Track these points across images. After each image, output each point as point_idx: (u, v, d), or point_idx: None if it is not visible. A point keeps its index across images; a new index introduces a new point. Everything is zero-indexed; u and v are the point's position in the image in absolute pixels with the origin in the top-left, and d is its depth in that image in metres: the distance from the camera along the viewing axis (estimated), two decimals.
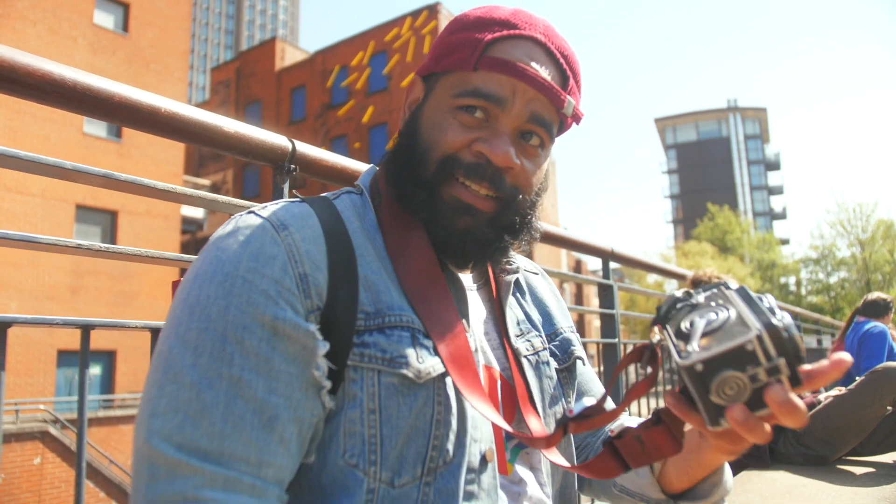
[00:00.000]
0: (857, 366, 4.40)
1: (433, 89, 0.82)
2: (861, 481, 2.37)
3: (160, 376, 0.63)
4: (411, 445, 0.69)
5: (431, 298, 0.76)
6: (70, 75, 0.95)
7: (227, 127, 1.19)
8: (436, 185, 0.77)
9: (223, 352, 0.63)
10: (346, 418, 0.68)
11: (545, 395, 0.86)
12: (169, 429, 0.60)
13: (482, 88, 0.76)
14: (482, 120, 0.77)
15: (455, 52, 0.79)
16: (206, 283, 0.66)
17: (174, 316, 0.67)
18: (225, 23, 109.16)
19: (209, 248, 0.71)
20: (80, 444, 1.02)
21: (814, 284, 33.59)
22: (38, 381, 14.73)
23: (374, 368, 0.69)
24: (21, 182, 14.44)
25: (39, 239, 0.99)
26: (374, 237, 0.78)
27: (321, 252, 0.70)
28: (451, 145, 0.77)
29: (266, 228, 0.70)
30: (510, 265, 0.92)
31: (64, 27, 15.94)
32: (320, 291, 0.69)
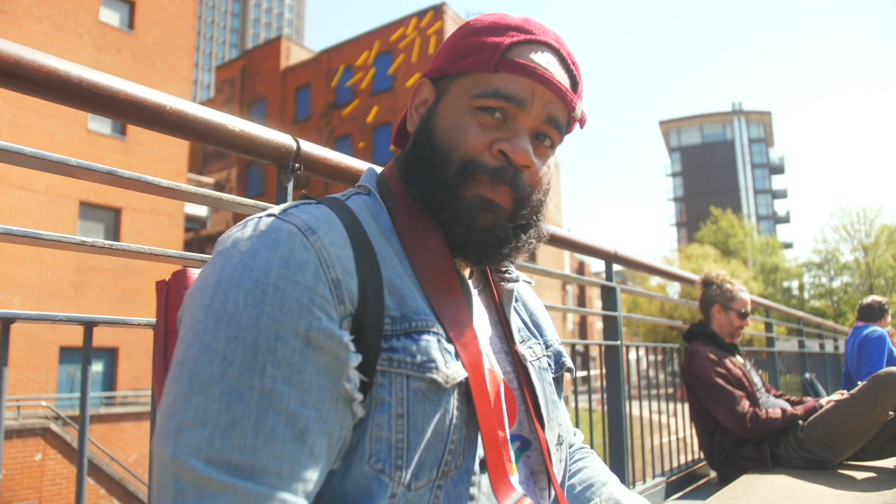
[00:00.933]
0: (857, 370, 4.39)
1: (447, 91, 0.82)
2: (862, 486, 2.36)
3: (185, 387, 0.60)
4: (431, 449, 0.69)
5: (449, 301, 0.77)
6: (76, 72, 0.95)
7: (233, 125, 1.19)
8: (457, 185, 0.78)
9: (254, 362, 0.60)
10: (373, 423, 0.67)
11: (548, 401, 0.87)
12: (198, 442, 0.57)
13: (503, 90, 0.77)
14: (501, 120, 0.78)
15: (472, 54, 0.80)
16: (234, 290, 0.63)
17: (197, 322, 0.64)
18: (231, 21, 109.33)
19: (229, 251, 0.67)
20: (82, 441, 1.02)
21: (817, 289, 33.50)
22: (39, 377, 14.76)
23: (403, 373, 0.69)
24: (25, 178, 14.47)
25: (43, 235, 0.99)
26: (391, 239, 0.78)
27: (349, 256, 0.69)
28: (474, 147, 0.78)
29: (293, 233, 0.67)
30: (509, 273, 0.94)
31: (69, 24, 15.98)
32: (352, 297, 0.67)
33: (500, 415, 0.78)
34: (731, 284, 3.22)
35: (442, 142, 0.79)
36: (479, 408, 0.72)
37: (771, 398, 3.10)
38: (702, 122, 68.51)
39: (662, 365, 3.75)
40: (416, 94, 0.87)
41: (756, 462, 2.77)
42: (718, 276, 3.28)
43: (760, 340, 5.80)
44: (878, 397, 2.55)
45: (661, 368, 3.92)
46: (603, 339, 2.73)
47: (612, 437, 2.57)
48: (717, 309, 3.19)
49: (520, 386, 0.85)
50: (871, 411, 2.55)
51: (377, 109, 25.75)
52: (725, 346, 3.11)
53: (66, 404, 14.73)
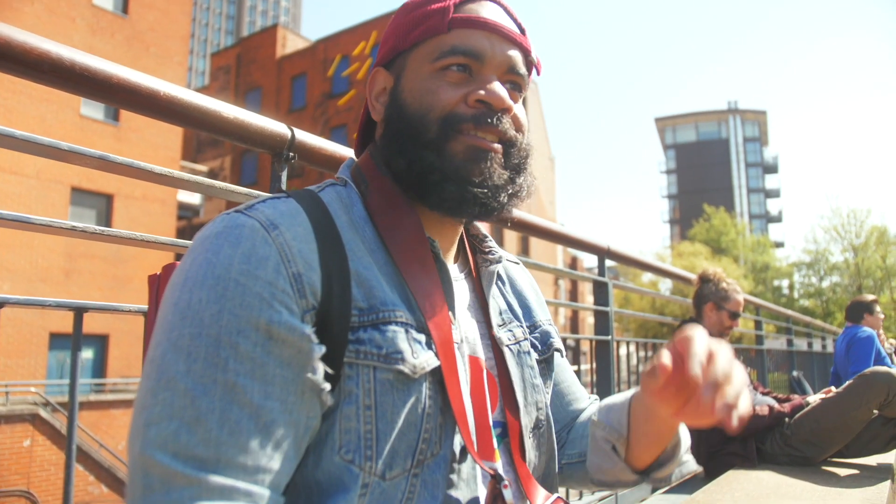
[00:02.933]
0: (844, 369, 4.44)
1: (405, 68, 0.83)
2: (845, 482, 2.39)
3: (153, 384, 0.62)
4: (403, 439, 0.70)
5: (424, 286, 0.77)
6: (68, 55, 0.95)
7: (227, 112, 1.19)
8: (443, 142, 0.78)
9: (217, 357, 0.62)
10: (341, 415, 0.68)
11: (526, 385, 0.87)
12: (164, 437, 0.59)
13: (460, 45, 0.79)
14: (467, 76, 0.80)
15: (421, 23, 0.81)
16: (197, 287, 0.65)
17: (165, 321, 0.65)
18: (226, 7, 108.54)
19: (196, 249, 0.69)
20: (71, 428, 1.02)
21: (806, 288, 33.76)
22: (29, 363, 14.69)
23: (370, 364, 0.69)
24: (16, 162, 14.35)
25: (33, 220, 0.99)
26: (363, 229, 0.78)
27: (312, 250, 0.69)
28: (448, 102, 0.79)
29: (256, 229, 0.68)
30: (492, 255, 0.93)
31: (62, 7, 15.82)
32: (314, 290, 0.68)
33: (482, 401, 0.79)
34: (728, 284, 3.23)
35: (415, 109, 0.80)
36: (453, 396, 0.73)
37: (758, 395, 3.13)
38: (697, 120, 68.69)
39: None
40: (372, 86, 0.87)
41: (742, 458, 2.80)
42: (716, 275, 3.29)
43: (750, 338, 5.84)
44: (863, 396, 2.58)
45: None
46: (594, 333, 2.74)
47: None
48: (710, 307, 3.20)
49: (499, 371, 0.85)
50: (856, 409, 2.58)
51: None
52: None
53: (55, 391, 14.67)
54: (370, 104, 0.88)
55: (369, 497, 0.68)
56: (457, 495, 0.73)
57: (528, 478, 0.81)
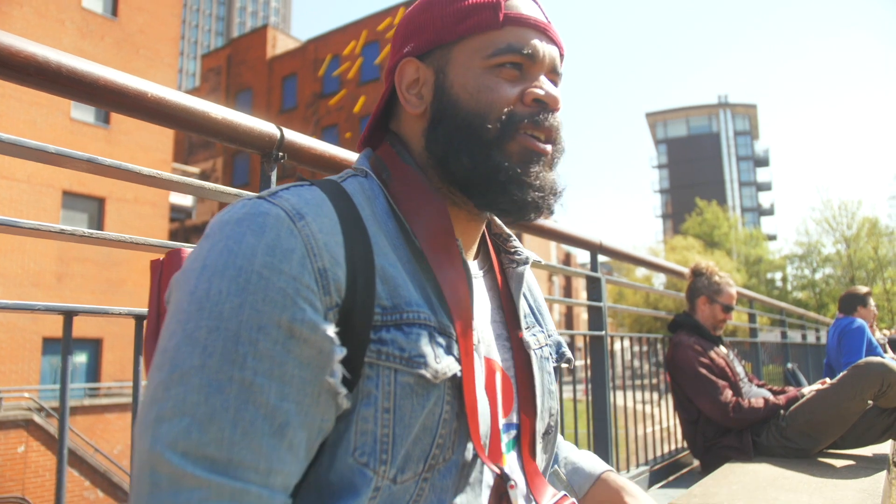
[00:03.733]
0: (837, 361, 4.46)
1: (449, 61, 0.80)
2: (841, 474, 2.40)
3: (165, 376, 0.59)
4: (418, 444, 0.68)
5: (450, 274, 0.76)
6: (55, 57, 0.94)
7: (215, 113, 1.18)
8: (503, 142, 0.77)
9: (235, 353, 0.59)
10: (358, 416, 0.66)
11: (544, 391, 0.86)
12: (175, 434, 0.57)
13: (516, 44, 0.78)
14: (519, 74, 0.79)
15: (469, 16, 0.79)
16: (217, 277, 0.62)
17: (180, 310, 0.62)
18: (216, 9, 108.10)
19: (215, 235, 0.65)
20: (62, 432, 1.01)
21: (799, 280, 33.92)
22: (22, 368, 14.61)
23: (391, 367, 0.67)
24: (6, 167, 14.26)
25: (22, 224, 0.98)
26: (386, 223, 0.76)
27: (338, 243, 0.67)
28: (508, 100, 0.78)
29: (281, 218, 0.65)
30: (518, 255, 0.91)
31: (51, 10, 15.71)
32: (339, 287, 0.65)
33: (494, 404, 0.77)
34: (720, 278, 3.24)
35: (473, 106, 0.78)
36: (469, 402, 0.71)
37: (753, 388, 3.14)
38: (688, 115, 68.92)
39: (647, 355, 3.78)
40: (402, 76, 0.83)
41: (738, 451, 2.81)
42: (708, 268, 3.30)
43: (744, 331, 5.86)
44: (857, 387, 2.59)
45: (645, 359, 3.95)
46: (588, 329, 2.75)
47: (597, 427, 2.59)
48: (703, 300, 3.21)
49: (516, 374, 0.84)
50: (851, 400, 2.59)
51: (364, 99, 25.54)
52: (709, 337, 3.14)
53: (49, 395, 14.59)
54: (402, 96, 0.83)
55: (378, 500, 0.66)
56: (463, 499, 0.72)
57: (537, 475, 0.81)
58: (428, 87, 0.82)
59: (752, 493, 2.11)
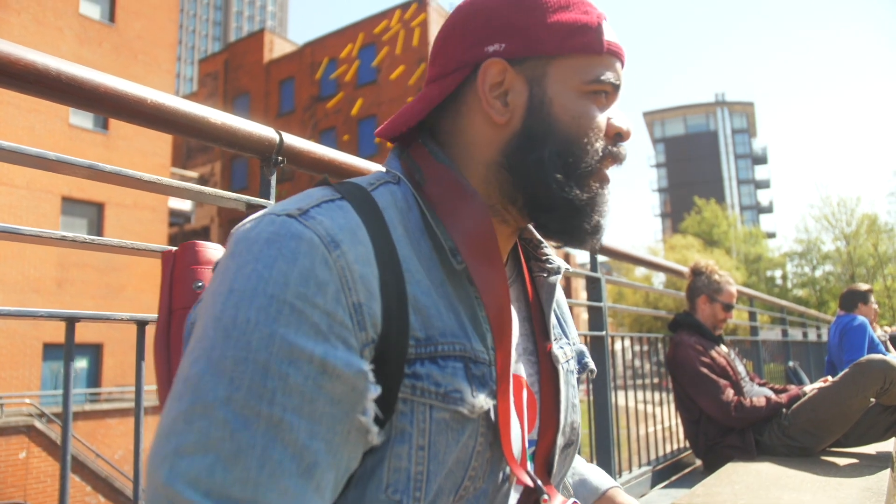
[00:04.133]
0: (839, 358, 4.46)
1: (546, 74, 0.75)
2: (845, 472, 2.40)
3: (187, 407, 0.55)
4: (450, 477, 0.66)
5: (493, 277, 0.73)
6: (54, 65, 0.94)
7: (214, 118, 1.18)
8: (595, 171, 0.77)
9: (264, 388, 0.55)
10: (392, 453, 0.63)
11: (568, 405, 0.84)
12: (196, 471, 0.52)
13: (612, 76, 0.77)
14: (605, 103, 0.79)
15: (576, 34, 0.75)
16: (245, 304, 0.58)
17: (205, 336, 0.58)
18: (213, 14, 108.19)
19: (243, 255, 0.61)
20: (65, 438, 1.01)
21: (799, 278, 33.92)
22: (23, 374, 14.61)
23: (427, 402, 0.64)
24: (5, 173, 14.26)
25: (22, 230, 0.98)
26: (419, 242, 0.71)
27: (374, 275, 0.63)
28: (602, 131, 0.77)
29: (315, 245, 0.60)
30: (550, 264, 0.87)
31: (49, 17, 15.73)
32: (375, 322, 0.62)
33: (522, 423, 0.76)
34: (720, 276, 3.23)
35: (574, 131, 0.75)
36: (504, 432, 0.69)
37: (755, 387, 3.14)
38: (685, 114, 68.97)
39: (648, 355, 3.78)
40: (484, 77, 0.76)
41: (741, 450, 2.81)
42: (707, 267, 3.29)
43: (744, 329, 5.86)
44: (859, 384, 2.59)
45: (646, 358, 3.94)
46: (588, 329, 2.75)
47: (598, 428, 2.59)
48: (704, 299, 3.21)
49: (543, 388, 0.81)
50: (853, 398, 2.59)
51: (361, 102, 25.61)
52: (710, 336, 3.14)
53: (50, 401, 14.58)
54: (485, 99, 0.76)
55: None
56: None
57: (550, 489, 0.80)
58: (519, 96, 0.76)
59: (755, 492, 2.11)
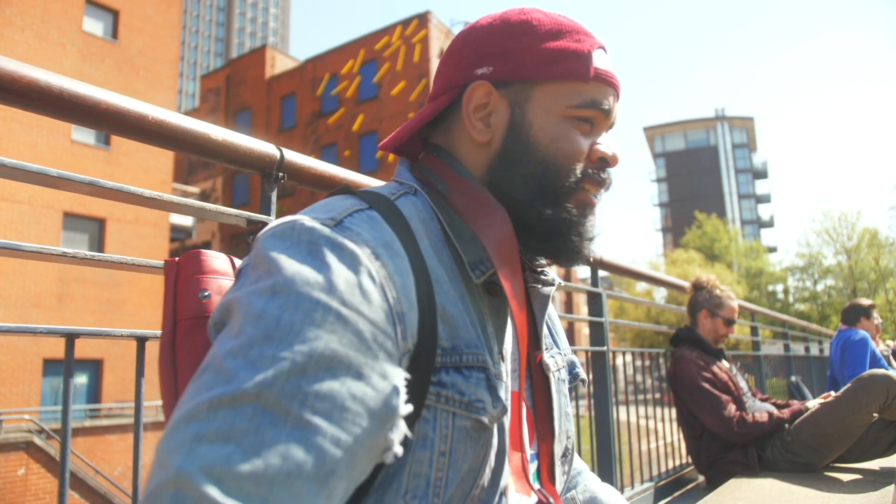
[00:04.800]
0: (841, 373, 4.44)
1: (530, 99, 0.78)
2: (848, 488, 2.38)
3: (214, 396, 0.54)
4: (462, 485, 0.68)
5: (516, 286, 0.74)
6: (56, 82, 0.95)
7: (215, 135, 1.19)
8: (571, 194, 0.79)
9: (298, 389, 0.55)
10: (413, 458, 0.64)
11: (561, 414, 0.86)
12: (213, 459, 0.51)
13: (599, 101, 0.79)
14: (591, 129, 0.80)
15: (561, 60, 0.78)
16: (290, 308, 0.58)
17: (242, 333, 0.58)
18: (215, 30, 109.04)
19: (280, 259, 0.61)
20: (64, 455, 1.00)
21: (801, 292, 33.83)
22: (23, 390, 14.55)
23: (450, 410, 0.66)
24: (7, 189, 14.32)
25: (23, 247, 0.98)
26: (442, 253, 0.73)
27: (411, 285, 0.65)
28: (583, 154, 0.79)
29: (356, 256, 0.62)
30: (545, 275, 0.88)
31: (53, 34, 15.86)
32: (413, 332, 0.64)
33: (519, 437, 0.77)
34: (721, 291, 3.23)
35: (551, 153, 0.78)
36: (512, 441, 0.71)
37: (757, 402, 3.12)
38: (685, 128, 69.24)
39: (649, 370, 3.77)
40: (471, 97, 0.80)
41: (743, 466, 2.79)
42: (709, 282, 3.29)
43: (746, 344, 5.84)
44: (861, 400, 2.57)
45: (648, 373, 3.93)
46: (589, 344, 2.74)
47: (600, 443, 2.57)
48: (705, 314, 3.20)
49: (536, 399, 0.83)
50: (856, 413, 2.58)
51: (363, 118, 25.74)
52: (712, 351, 3.13)
53: (50, 417, 14.52)
54: (468, 119, 0.80)
55: None
56: None
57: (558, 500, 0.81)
58: (500, 118, 0.79)
59: None
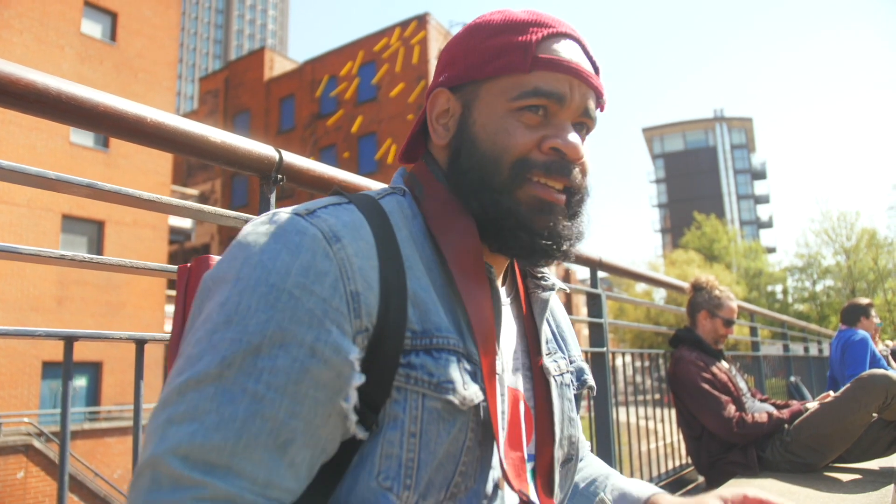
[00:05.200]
0: (841, 374, 4.44)
1: (476, 98, 0.80)
2: (848, 488, 2.38)
3: (182, 381, 0.61)
4: (441, 470, 0.68)
5: (479, 300, 0.75)
6: (54, 84, 0.95)
7: (214, 137, 1.19)
8: (513, 188, 0.76)
9: (253, 367, 0.60)
10: (384, 439, 0.66)
11: (564, 418, 0.85)
12: (180, 438, 0.58)
13: (543, 87, 0.76)
14: (543, 118, 0.77)
15: (499, 56, 0.78)
16: (248, 293, 0.63)
17: (209, 320, 0.63)
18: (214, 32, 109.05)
19: (251, 247, 0.66)
20: (63, 458, 1.00)
21: (800, 292, 33.82)
22: (22, 393, 14.53)
23: (419, 391, 0.67)
24: (6, 192, 14.30)
25: (22, 250, 0.98)
26: (422, 245, 0.76)
27: (373, 267, 0.67)
28: (523, 146, 0.76)
29: (318, 239, 0.66)
30: (545, 280, 0.90)
31: (51, 36, 15.85)
32: (370, 311, 0.66)
33: (518, 435, 0.77)
34: (720, 292, 3.22)
35: (488, 148, 0.77)
36: (494, 430, 0.71)
37: (757, 402, 3.12)
38: (684, 129, 69.28)
39: (649, 371, 3.77)
40: (433, 105, 0.84)
41: (743, 466, 2.79)
42: (708, 283, 3.28)
43: (746, 345, 5.84)
44: (861, 400, 2.58)
45: (647, 374, 3.93)
46: (589, 345, 2.74)
47: (600, 444, 2.57)
48: (704, 315, 3.20)
49: (537, 402, 0.83)
50: (855, 413, 2.58)
51: (361, 119, 25.75)
52: (711, 352, 3.12)
53: (49, 420, 14.50)
54: (431, 125, 0.84)
55: None
56: None
57: None
58: (453, 119, 0.82)
59: None
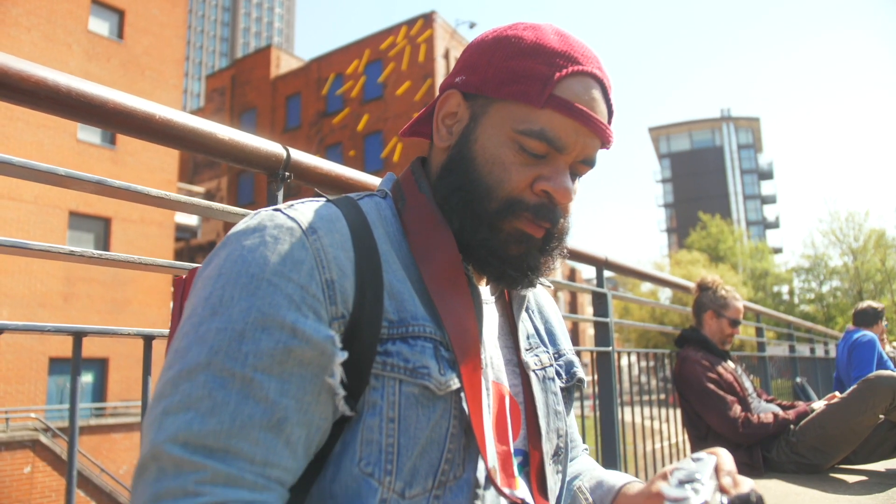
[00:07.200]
0: (847, 375, 4.42)
1: (485, 114, 0.79)
2: (854, 489, 2.37)
3: (174, 374, 0.63)
4: (425, 457, 0.69)
5: (454, 307, 0.76)
6: (64, 81, 0.95)
7: (222, 134, 1.19)
8: (498, 221, 0.77)
9: (239, 352, 0.63)
10: (364, 426, 0.68)
11: (549, 411, 0.86)
12: (177, 426, 0.60)
13: (549, 132, 0.75)
14: (541, 156, 0.77)
15: (519, 82, 0.76)
16: (230, 284, 0.66)
17: (195, 314, 0.66)
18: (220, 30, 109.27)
19: (233, 244, 0.69)
20: (71, 453, 1.01)
21: (806, 293, 33.66)
22: (28, 388, 14.61)
23: (396, 377, 0.69)
24: (14, 188, 14.37)
25: (31, 245, 0.99)
26: (399, 244, 0.78)
27: (349, 258, 0.70)
28: (517, 186, 0.76)
29: (294, 231, 0.69)
30: None
31: (59, 34, 15.91)
32: (346, 299, 0.68)
33: (503, 428, 0.78)
34: (726, 292, 3.21)
35: (482, 174, 0.77)
36: (475, 420, 0.71)
37: (762, 403, 3.11)
38: (691, 129, 69.03)
39: (654, 370, 3.76)
40: (443, 104, 0.83)
41: (749, 467, 2.78)
42: (714, 283, 3.27)
43: (751, 345, 5.83)
44: (867, 401, 2.56)
45: (653, 374, 3.92)
46: (594, 345, 2.74)
47: (605, 444, 2.57)
48: (710, 315, 3.19)
49: (525, 397, 0.84)
50: (862, 415, 2.57)
51: (367, 117, 25.77)
52: (717, 352, 3.11)
53: (55, 416, 14.58)
54: (436, 123, 0.84)
55: None
56: None
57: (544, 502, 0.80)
58: (460, 127, 0.82)
59: None
